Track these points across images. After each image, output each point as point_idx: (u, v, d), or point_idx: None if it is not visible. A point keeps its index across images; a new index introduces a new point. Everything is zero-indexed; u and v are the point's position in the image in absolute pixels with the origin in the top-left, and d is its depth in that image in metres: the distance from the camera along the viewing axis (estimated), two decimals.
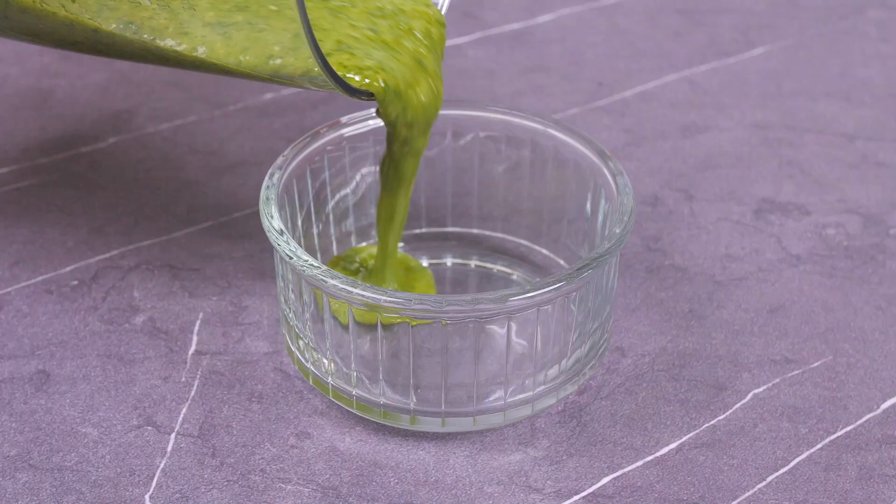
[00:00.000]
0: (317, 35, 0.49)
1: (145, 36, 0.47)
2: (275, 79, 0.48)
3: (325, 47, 0.50)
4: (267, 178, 0.52)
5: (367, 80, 0.49)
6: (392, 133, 0.51)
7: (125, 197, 0.62)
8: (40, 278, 0.58)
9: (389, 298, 0.47)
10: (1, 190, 0.63)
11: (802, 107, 0.68)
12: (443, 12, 0.54)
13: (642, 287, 0.57)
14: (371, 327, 0.48)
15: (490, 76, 0.71)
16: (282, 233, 0.49)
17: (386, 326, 0.48)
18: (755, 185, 0.63)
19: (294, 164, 0.53)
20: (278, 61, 0.46)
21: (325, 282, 0.47)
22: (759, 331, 0.55)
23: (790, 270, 0.58)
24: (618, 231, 0.49)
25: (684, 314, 0.56)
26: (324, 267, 0.48)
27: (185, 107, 0.68)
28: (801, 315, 0.56)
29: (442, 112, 0.56)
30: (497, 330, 0.51)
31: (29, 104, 0.69)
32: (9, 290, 0.57)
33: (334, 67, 0.49)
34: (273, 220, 0.49)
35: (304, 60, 0.46)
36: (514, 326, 0.48)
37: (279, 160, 0.53)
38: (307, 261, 0.48)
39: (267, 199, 0.51)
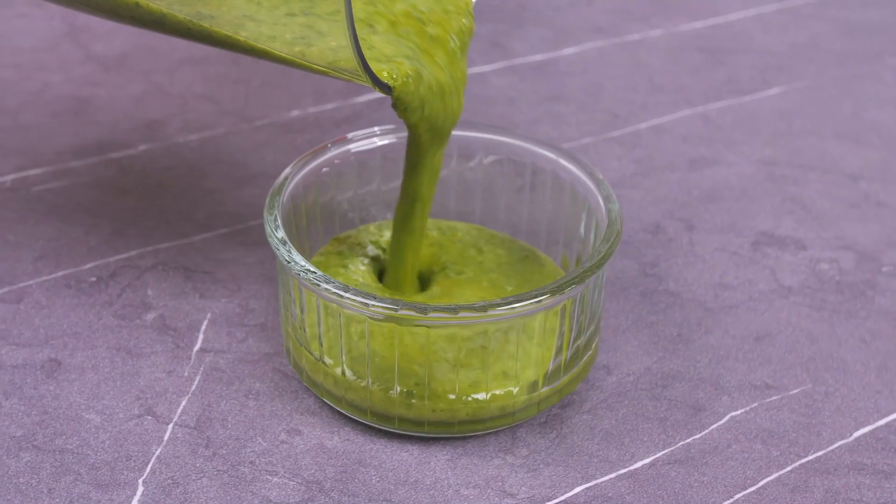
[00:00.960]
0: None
1: (181, 11, 0.49)
2: (302, 61, 0.49)
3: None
4: (274, 185, 0.54)
5: (391, 73, 0.50)
6: (414, 136, 0.53)
7: (149, 201, 0.65)
8: (61, 273, 0.61)
9: (377, 303, 0.49)
10: (32, 189, 0.66)
11: (811, 146, 0.70)
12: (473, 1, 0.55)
13: (634, 310, 0.59)
14: (360, 326, 0.51)
15: (510, 104, 0.73)
16: (283, 241, 0.51)
17: (374, 328, 0.50)
18: (756, 219, 0.65)
19: (300, 175, 0.56)
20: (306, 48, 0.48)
21: (318, 285, 0.50)
22: (744, 357, 0.57)
23: (780, 301, 0.60)
24: (603, 250, 0.52)
25: (672, 338, 0.58)
26: (318, 272, 0.50)
27: (214, 119, 0.71)
28: (786, 344, 0.58)
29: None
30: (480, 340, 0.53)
31: (67, 110, 0.72)
32: (30, 282, 0.60)
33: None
34: (275, 226, 0.52)
35: (337, 47, 0.47)
36: (497, 337, 0.51)
37: (286, 170, 0.55)
38: (302, 264, 0.50)
39: (271, 206, 0.53)
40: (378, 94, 0.74)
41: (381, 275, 0.57)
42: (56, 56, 0.77)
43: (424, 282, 0.57)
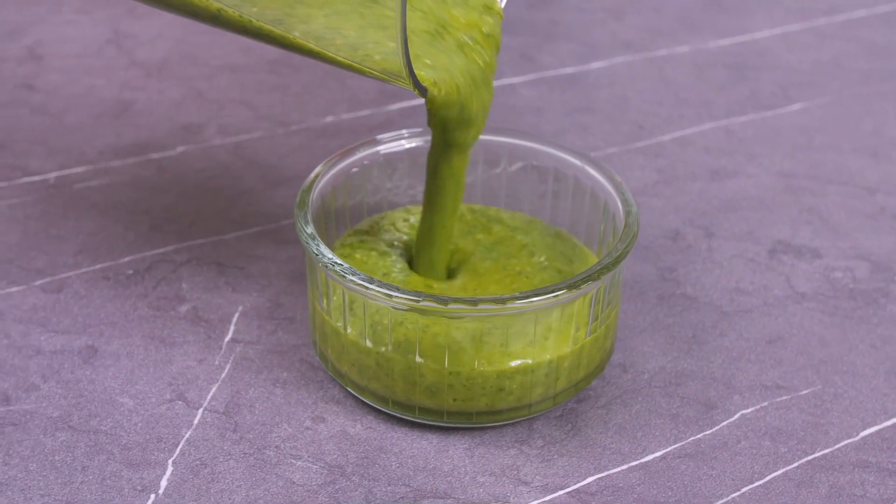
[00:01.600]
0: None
1: (247, 11, 0.52)
2: (349, 62, 0.51)
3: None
4: (304, 183, 0.57)
5: (433, 82, 0.53)
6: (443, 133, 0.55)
7: (185, 200, 0.68)
8: (99, 266, 0.63)
9: (400, 295, 0.51)
10: (75, 187, 0.68)
11: (830, 160, 0.72)
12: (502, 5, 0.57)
13: (652, 312, 0.61)
14: (381, 321, 0.53)
15: (538, 114, 0.75)
16: (313, 236, 0.54)
17: (397, 322, 0.53)
18: (773, 228, 0.67)
19: (330, 174, 0.58)
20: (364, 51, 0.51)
21: (344, 277, 0.52)
22: (756, 358, 0.59)
23: (794, 307, 0.62)
24: (620, 248, 0.54)
25: (687, 339, 0.60)
26: (345, 264, 0.52)
27: (251, 124, 0.74)
28: (798, 347, 0.59)
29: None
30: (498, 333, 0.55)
31: (110, 113, 0.74)
32: (70, 274, 0.63)
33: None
34: (304, 222, 0.54)
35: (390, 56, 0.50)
36: (514, 330, 0.53)
37: (318, 168, 0.58)
38: (329, 256, 0.53)
39: (302, 201, 0.56)
40: (411, 102, 0.76)
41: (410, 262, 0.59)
42: (101, 61, 0.80)
43: (457, 264, 0.59)
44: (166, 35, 0.83)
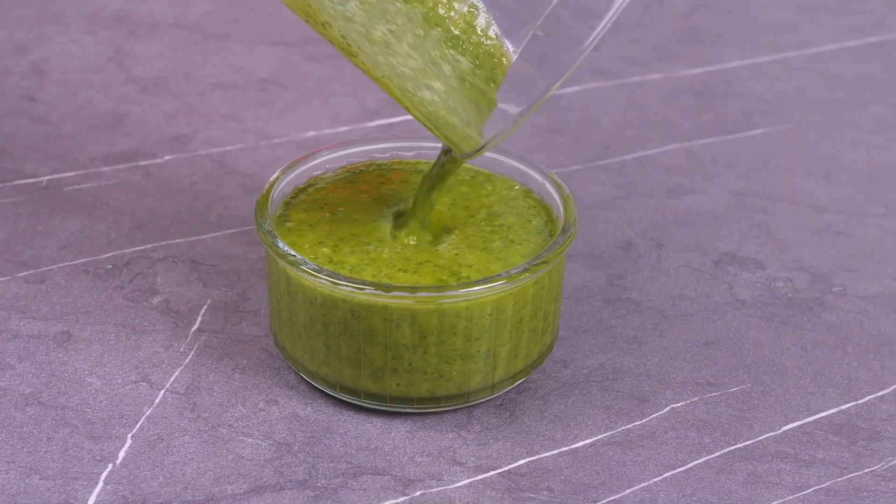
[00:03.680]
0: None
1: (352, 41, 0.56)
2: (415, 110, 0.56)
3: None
4: (266, 185, 0.61)
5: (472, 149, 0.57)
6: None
7: (167, 203, 0.72)
8: (81, 261, 0.67)
9: (345, 283, 0.55)
10: (65, 189, 0.73)
11: (783, 181, 0.75)
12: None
13: (596, 314, 0.65)
14: (334, 311, 0.56)
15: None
16: (271, 234, 0.58)
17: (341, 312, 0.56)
18: (721, 241, 0.70)
19: (291, 176, 0.62)
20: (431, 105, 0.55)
21: (296, 266, 0.56)
22: (692, 358, 0.62)
23: (733, 312, 0.65)
24: (560, 242, 0.57)
25: (628, 339, 0.63)
26: (297, 254, 0.56)
27: (236, 136, 0.78)
28: (732, 349, 0.63)
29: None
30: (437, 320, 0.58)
31: (104, 123, 0.79)
32: (53, 267, 0.67)
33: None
34: (263, 219, 0.58)
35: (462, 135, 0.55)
36: (454, 321, 0.56)
37: (276, 173, 0.62)
38: (282, 246, 0.56)
39: (261, 201, 0.60)
40: (389, 119, 0.80)
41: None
42: (100, 77, 0.84)
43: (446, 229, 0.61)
44: (165, 55, 0.87)
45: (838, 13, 0.95)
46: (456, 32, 0.54)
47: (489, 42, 0.54)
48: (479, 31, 0.54)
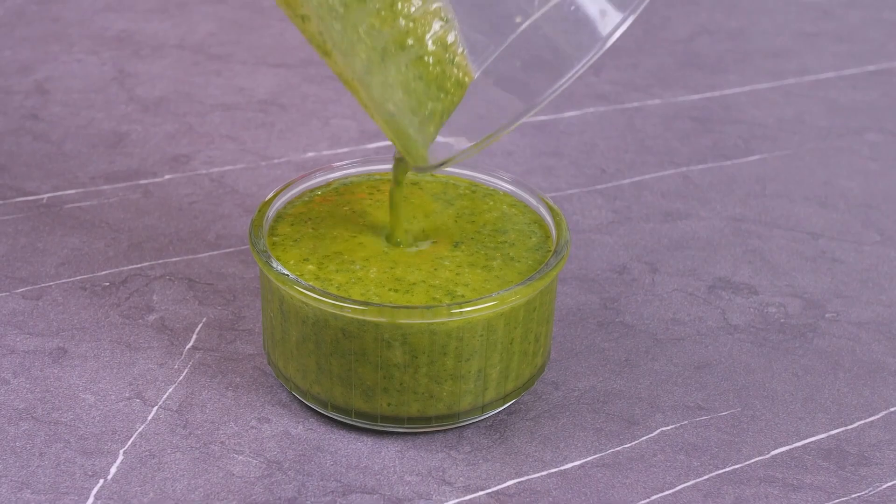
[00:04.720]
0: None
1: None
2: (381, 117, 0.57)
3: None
4: (260, 206, 0.61)
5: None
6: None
7: (166, 221, 0.72)
8: (79, 277, 0.68)
9: (334, 301, 0.55)
10: (65, 206, 0.73)
11: (779, 206, 0.75)
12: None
13: (589, 337, 0.65)
14: (326, 331, 0.57)
15: (508, 156, 0.80)
16: (265, 254, 0.58)
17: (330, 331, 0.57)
18: (716, 266, 0.70)
19: (287, 196, 0.63)
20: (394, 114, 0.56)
21: (287, 284, 0.56)
22: (683, 382, 0.62)
23: (726, 337, 0.65)
24: (550, 265, 0.58)
25: (620, 362, 0.64)
26: (290, 273, 0.57)
27: (236, 157, 0.79)
28: (723, 373, 0.63)
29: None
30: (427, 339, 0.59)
31: (106, 143, 0.79)
32: (51, 283, 0.67)
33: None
34: (257, 239, 0.59)
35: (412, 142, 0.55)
36: (445, 341, 0.56)
37: (270, 194, 0.62)
38: (274, 265, 0.57)
39: (256, 220, 0.60)
40: (389, 142, 0.81)
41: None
42: (103, 97, 0.85)
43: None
44: (167, 75, 0.88)
45: (838, 41, 0.95)
46: (426, 50, 0.54)
47: (456, 58, 0.55)
48: (448, 48, 0.55)
